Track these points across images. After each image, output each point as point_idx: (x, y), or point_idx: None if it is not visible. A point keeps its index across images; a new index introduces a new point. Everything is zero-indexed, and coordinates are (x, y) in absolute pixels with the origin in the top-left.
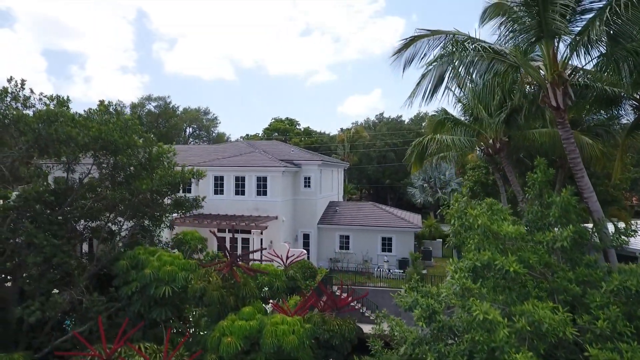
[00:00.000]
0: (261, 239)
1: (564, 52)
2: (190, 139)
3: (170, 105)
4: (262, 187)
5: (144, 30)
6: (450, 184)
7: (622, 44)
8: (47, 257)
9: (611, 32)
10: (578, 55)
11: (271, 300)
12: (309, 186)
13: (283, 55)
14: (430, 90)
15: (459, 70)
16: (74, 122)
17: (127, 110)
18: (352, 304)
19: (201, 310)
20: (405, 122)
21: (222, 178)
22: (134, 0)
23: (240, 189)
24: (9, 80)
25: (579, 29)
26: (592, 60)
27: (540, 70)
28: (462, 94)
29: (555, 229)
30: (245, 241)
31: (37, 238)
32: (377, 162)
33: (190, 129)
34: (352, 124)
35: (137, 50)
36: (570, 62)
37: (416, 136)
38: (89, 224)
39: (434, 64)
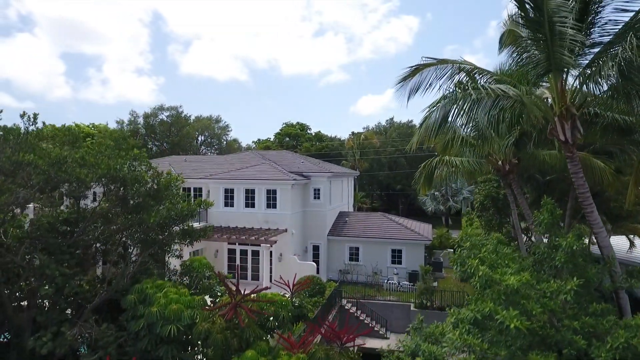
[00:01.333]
0: (271, 252)
1: (573, 84)
2: (202, 147)
3: (182, 115)
4: (271, 200)
5: (159, 32)
6: (461, 192)
7: (632, 79)
8: (58, 287)
9: (622, 66)
10: (587, 88)
11: (277, 331)
12: (319, 198)
13: (296, 56)
14: (434, 129)
15: (464, 108)
16: (84, 161)
17: (141, 120)
18: (360, 318)
19: (206, 350)
20: (416, 126)
21: (232, 190)
22: (149, 2)
23: (250, 201)
24: (22, 116)
25: (587, 61)
26: (601, 94)
27: (548, 99)
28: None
29: (560, 279)
30: (255, 253)
31: (50, 269)
32: (388, 167)
33: (202, 137)
34: (363, 128)
35: (152, 52)
36: (579, 92)
37: (427, 141)
38: (100, 247)
39: (438, 105)
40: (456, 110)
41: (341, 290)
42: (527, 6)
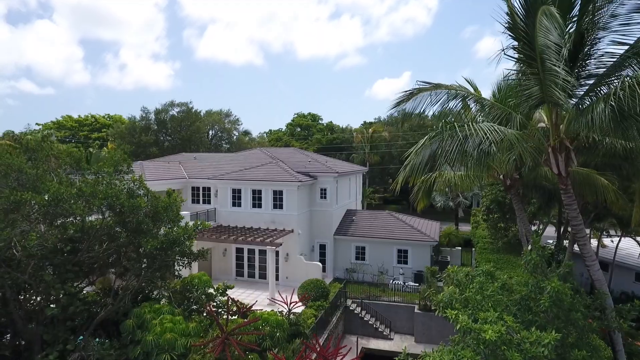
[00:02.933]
0: (277, 252)
1: (568, 116)
2: (213, 141)
3: (193, 110)
4: (278, 201)
5: (174, 17)
6: (472, 189)
7: (627, 115)
8: (64, 306)
9: (615, 106)
10: (583, 119)
11: (271, 351)
12: (325, 198)
13: (312, 39)
14: (420, 169)
15: (452, 148)
16: (81, 192)
17: (152, 117)
18: (365, 319)
19: None
20: (429, 118)
21: (239, 191)
22: None
23: (257, 202)
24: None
25: (582, 92)
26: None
27: (543, 123)
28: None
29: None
30: (263, 252)
31: (55, 289)
32: (399, 160)
33: (212, 131)
34: (375, 119)
35: (168, 37)
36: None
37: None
38: (105, 261)
39: (424, 145)
40: (442, 150)
41: (346, 291)
42: (521, 41)
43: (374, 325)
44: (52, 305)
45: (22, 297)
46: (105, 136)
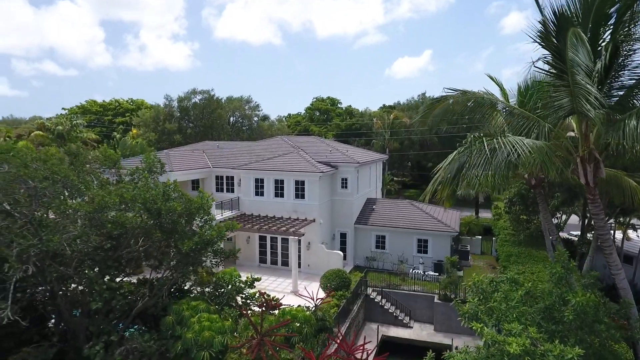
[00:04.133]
0: (299, 240)
1: (597, 128)
2: (234, 128)
3: (214, 98)
4: (300, 191)
5: None
6: None
7: None
8: (107, 300)
9: None
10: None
11: (299, 345)
12: (346, 187)
13: (332, 18)
14: (449, 181)
15: (479, 162)
16: (122, 199)
17: (175, 104)
18: (385, 307)
19: None
20: (450, 102)
21: (262, 180)
22: None
23: (279, 191)
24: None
25: (613, 103)
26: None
27: (571, 133)
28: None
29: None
30: (285, 240)
31: (97, 285)
32: (420, 145)
33: (233, 118)
34: (395, 103)
35: (187, 17)
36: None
37: (460, 118)
38: (142, 255)
39: (452, 159)
40: (470, 165)
41: (367, 280)
42: (551, 56)
43: (394, 314)
44: (94, 299)
45: (67, 290)
46: (129, 120)
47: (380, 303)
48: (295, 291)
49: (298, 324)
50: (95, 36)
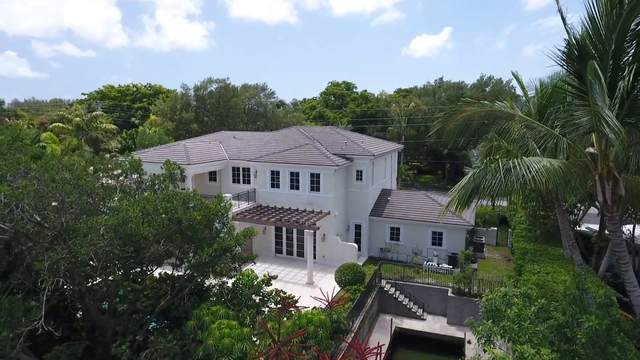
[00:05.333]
0: (315, 232)
1: (615, 149)
2: (249, 116)
3: (230, 86)
4: (315, 184)
5: None
6: None
7: None
8: (131, 302)
9: None
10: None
11: (315, 348)
12: (361, 179)
13: None
14: (464, 200)
15: (493, 183)
16: (146, 210)
17: (192, 93)
18: (399, 299)
19: None
20: (468, 86)
21: (278, 173)
22: None
23: (295, 184)
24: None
25: (634, 120)
26: None
27: (591, 149)
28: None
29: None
30: (300, 232)
31: (123, 287)
32: (436, 132)
33: (249, 105)
34: (411, 87)
35: None
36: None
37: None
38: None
39: (469, 180)
40: (485, 186)
41: (381, 272)
42: (573, 73)
43: (407, 306)
44: (120, 301)
45: (94, 290)
46: (146, 105)
47: (394, 295)
48: (310, 282)
49: (312, 327)
50: (111, 17)
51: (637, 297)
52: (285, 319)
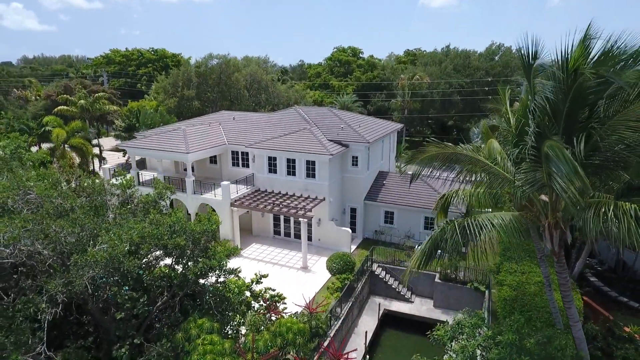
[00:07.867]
0: (310, 217)
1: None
2: (251, 92)
3: (231, 61)
4: (310, 171)
5: None
6: None
7: None
8: (129, 309)
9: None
10: None
11: (292, 354)
12: (357, 165)
13: None
14: (425, 259)
15: (453, 238)
16: (133, 241)
17: (192, 69)
18: (389, 283)
19: None
20: (476, 54)
21: (275, 158)
22: None
23: (291, 170)
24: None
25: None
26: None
27: (544, 197)
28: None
29: None
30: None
31: (120, 296)
32: (441, 103)
33: (250, 79)
34: (415, 49)
35: None
36: None
37: (485, 75)
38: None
39: (427, 243)
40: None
41: (372, 258)
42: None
43: (397, 289)
44: (118, 309)
45: (96, 295)
46: (151, 72)
47: (385, 279)
48: (305, 267)
49: (291, 335)
50: None
51: (577, 330)
52: (263, 328)
